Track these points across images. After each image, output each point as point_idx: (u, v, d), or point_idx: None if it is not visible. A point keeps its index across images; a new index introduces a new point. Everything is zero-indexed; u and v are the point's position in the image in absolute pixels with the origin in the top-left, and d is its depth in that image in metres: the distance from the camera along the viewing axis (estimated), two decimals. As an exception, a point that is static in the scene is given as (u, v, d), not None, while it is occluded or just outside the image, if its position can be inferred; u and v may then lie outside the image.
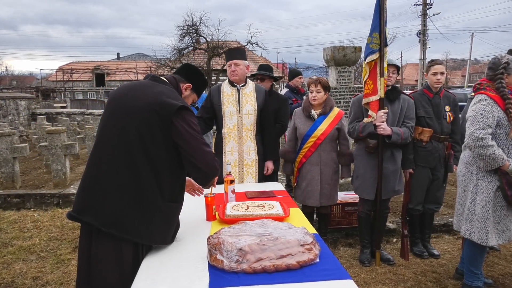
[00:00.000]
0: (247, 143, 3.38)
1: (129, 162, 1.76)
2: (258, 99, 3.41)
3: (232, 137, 3.35)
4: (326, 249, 1.83)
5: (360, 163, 3.46)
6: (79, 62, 38.73)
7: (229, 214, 2.24)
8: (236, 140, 3.36)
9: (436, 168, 3.52)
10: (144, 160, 1.77)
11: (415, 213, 3.66)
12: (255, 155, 3.40)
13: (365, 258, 3.51)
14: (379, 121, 3.19)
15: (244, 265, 1.60)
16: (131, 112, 1.79)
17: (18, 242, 4.00)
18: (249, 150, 3.39)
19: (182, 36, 21.55)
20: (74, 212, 1.79)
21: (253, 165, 3.42)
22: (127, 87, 1.94)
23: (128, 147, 1.77)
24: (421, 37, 24.71)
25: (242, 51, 3.43)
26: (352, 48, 5.29)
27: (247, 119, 3.36)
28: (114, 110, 1.86)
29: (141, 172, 1.76)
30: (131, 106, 1.81)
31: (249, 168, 3.41)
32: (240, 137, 3.36)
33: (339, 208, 4.09)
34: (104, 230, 1.73)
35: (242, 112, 3.35)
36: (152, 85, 1.91)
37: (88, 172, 1.84)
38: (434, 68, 3.42)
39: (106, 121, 1.87)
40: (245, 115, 3.35)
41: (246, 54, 3.49)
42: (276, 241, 1.67)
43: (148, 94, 1.84)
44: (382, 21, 3.14)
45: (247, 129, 3.37)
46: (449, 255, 3.68)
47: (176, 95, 1.90)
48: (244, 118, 3.35)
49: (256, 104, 3.39)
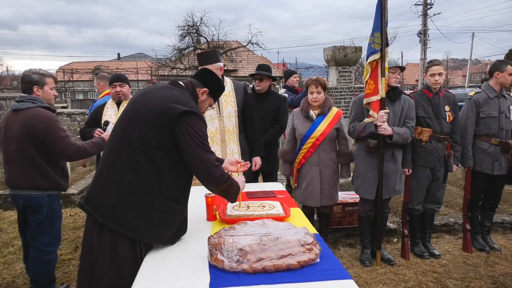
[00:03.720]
0: (230, 146, 3.33)
1: (131, 161, 1.82)
2: (237, 98, 3.34)
3: (215, 141, 3.28)
4: (326, 249, 1.83)
5: (360, 163, 3.46)
6: (80, 62, 38.74)
7: (230, 214, 2.24)
8: (219, 144, 3.29)
9: (436, 168, 3.51)
10: (145, 159, 1.81)
11: (416, 213, 3.66)
12: (238, 157, 3.34)
13: (366, 258, 3.51)
14: (380, 121, 3.19)
15: (245, 265, 1.60)
16: (139, 113, 1.86)
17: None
18: (232, 152, 3.34)
19: (182, 36, 21.55)
20: (82, 201, 1.91)
21: None
22: (146, 89, 2.04)
23: (131, 146, 1.82)
24: (421, 37, 24.70)
25: (211, 54, 3.25)
26: (353, 48, 5.29)
27: (229, 121, 3.30)
28: (127, 110, 1.95)
29: (142, 171, 1.81)
30: (141, 107, 1.88)
31: None
32: (223, 141, 3.30)
33: (340, 208, 4.09)
34: (100, 221, 1.81)
35: (223, 115, 3.28)
36: (166, 88, 1.97)
37: (97, 167, 2.01)
38: (431, 69, 3.43)
39: (119, 120, 1.97)
40: (226, 117, 3.29)
41: (219, 55, 3.32)
42: (276, 241, 1.67)
43: (159, 97, 1.89)
44: (383, 21, 3.14)
45: (229, 131, 3.31)
46: (449, 255, 3.68)
47: (188, 99, 1.93)
48: (225, 121, 3.29)
49: (236, 104, 3.32)
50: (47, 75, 2.81)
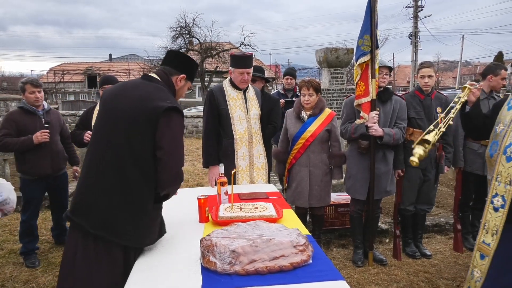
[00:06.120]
0: (257, 147, 3.41)
1: (117, 165, 1.76)
2: (259, 101, 3.46)
3: (243, 142, 3.34)
4: (319, 250, 1.83)
5: (352, 163, 3.48)
6: (71, 63, 38.42)
7: (222, 216, 2.23)
8: (247, 145, 3.36)
9: (427, 169, 3.54)
10: (132, 163, 1.76)
11: (407, 214, 3.69)
12: (264, 158, 3.45)
13: (358, 258, 3.52)
14: (371, 122, 3.21)
15: (237, 267, 1.60)
16: (119, 115, 1.79)
17: (9, 246, 3.95)
18: (259, 154, 3.43)
19: (175, 37, 21.54)
20: (69, 212, 1.83)
21: (263, 168, 3.46)
22: (118, 88, 1.94)
23: (116, 150, 1.77)
24: (412, 39, 24.91)
25: (252, 58, 3.33)
26: (345, 50, 5.32)
27: (255, 123, 3.39)
28: (104, 113, 1.88)
29: (128, 175, 1.76)
30: (119, 109, 1.81)
31: (260, 171, 3.44)
32: (250, 142, 3.37)
33: (332, 209, 4.11)
34: (92, 232, 1.74)
35: (250, 117, 3.35)
36: (142, 85, 1.89)
37: (81, 174, 1.87)
38: (422, 72, 3.47)
39: (97, 124, 1.90)
40: (253, 119, 3.37)
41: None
42: (269, 243, 1.67)
43: (136, 96, 1.82)
44: (373, 23, 3.16)
45: (256, 133, 3.40)
46: (441, 255, 3.71)
47: (165, 94, 1.87)
48: (252, 123, 3.37)
49: (259, 107, 3.43)
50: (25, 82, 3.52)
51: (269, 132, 3.95)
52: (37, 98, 3.48)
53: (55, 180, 3.68)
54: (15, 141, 3.37)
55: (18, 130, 3.42)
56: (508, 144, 2.19)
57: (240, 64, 3.22)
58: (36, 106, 3.51)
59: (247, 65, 3.23)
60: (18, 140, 3.37)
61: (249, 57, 3.27)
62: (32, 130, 3.42)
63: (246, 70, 3.22)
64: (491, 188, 2.25)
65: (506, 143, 2.19)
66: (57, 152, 3.63)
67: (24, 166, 3.49)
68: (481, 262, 2.27)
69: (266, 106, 3.76)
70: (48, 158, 3.53)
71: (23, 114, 3.47)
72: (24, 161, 3.47)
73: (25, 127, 3.43)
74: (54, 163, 3.59)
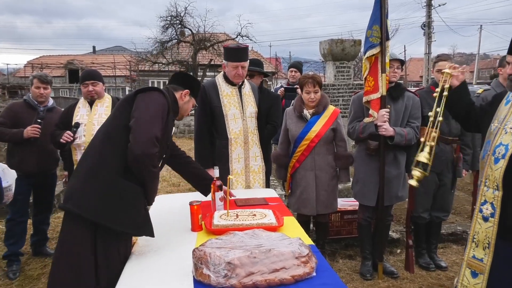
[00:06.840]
0: (253, 149, 3.41)
1: (96, 147, 2.04)
2: (255, 98, 3.45)
3: (238, 143, 3.34)
4: (323, 262, 1.83)
5: (360, 166, 3.48)
6: (50, 56, 38.35)
7: (217, 224, 2.23)
8: (242, 146, 3.36)
9: (443, 173, 3.54)
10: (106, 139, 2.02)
11: (421, 222, 3.68)
12: (261, 160, 3.45)
13: (367, 271, 3.52)
14: (380, 120, 3.21)
15: (233, 280, 1.59)
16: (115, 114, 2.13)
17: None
18: (255, 155, 3.43)
19: (165, 27, 21.52)
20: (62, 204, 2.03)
21: (260, 171, 3.46)
22: None
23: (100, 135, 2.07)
24: (425, 30, 24.98)
25: (247, 51, 3.33)
26: (351, 41, 5.32)
27: (251, 122, 3.39)
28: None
29: (101, 151, 2.00)
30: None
31: (256, 175, 3.44)
32: (246, 143, 3.37)
33: (338, 217, 4.11)
34: (61, 206, 1.98)
35: (246, 115, 3.35)
36: None
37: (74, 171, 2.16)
38: (439, 65, 3.46)
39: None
40: (249, 118, 3.37)
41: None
42: (268, 254, 1.67)
43: None
44: (383, 12, 3.16)
45: (252, 133, 3.40)
46: (457, 267, 3.71)
47: None
48: (248, 121, 3.37)
49: (255, 105, 3.43)
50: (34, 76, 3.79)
51: (268, 132, 3.93)
52: (41, 94, 3.73)
53: (42, 178, 3.85)
54: (7, 131, 3.59)
55: (14, 122, 3.66)
56: (498, 143, 2.09)
57: (234, 57, 3.21)
58: (40, 102, 3.76)
59: (242, 58, 3.23)
60: (10, 131, 3.59)
61: (244, 49, 3.27)
62: (27, 124, 3.62)
63: (240, 64, 3.22)
64: (480, 194, 2.15)
65: (496, 143, 2.10)
66: (46, 152, 3.76)
67: (13, 160, 3.64)
68: (474, 281, 2.14)
69: (264, 103, 3.76)
70: (34, 155, 3.68)
71: (24, 107, 3.77)
72: (13, 155, 3.69)
73: (21, 120, 3.67)
74: (41, 162, 3.74)
